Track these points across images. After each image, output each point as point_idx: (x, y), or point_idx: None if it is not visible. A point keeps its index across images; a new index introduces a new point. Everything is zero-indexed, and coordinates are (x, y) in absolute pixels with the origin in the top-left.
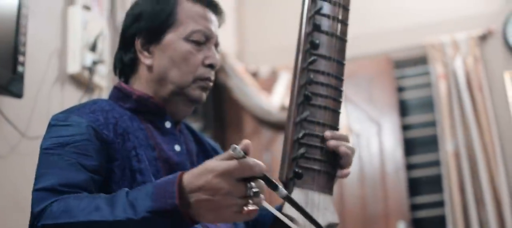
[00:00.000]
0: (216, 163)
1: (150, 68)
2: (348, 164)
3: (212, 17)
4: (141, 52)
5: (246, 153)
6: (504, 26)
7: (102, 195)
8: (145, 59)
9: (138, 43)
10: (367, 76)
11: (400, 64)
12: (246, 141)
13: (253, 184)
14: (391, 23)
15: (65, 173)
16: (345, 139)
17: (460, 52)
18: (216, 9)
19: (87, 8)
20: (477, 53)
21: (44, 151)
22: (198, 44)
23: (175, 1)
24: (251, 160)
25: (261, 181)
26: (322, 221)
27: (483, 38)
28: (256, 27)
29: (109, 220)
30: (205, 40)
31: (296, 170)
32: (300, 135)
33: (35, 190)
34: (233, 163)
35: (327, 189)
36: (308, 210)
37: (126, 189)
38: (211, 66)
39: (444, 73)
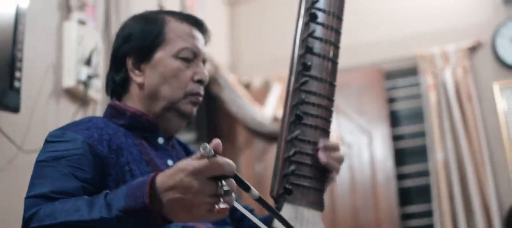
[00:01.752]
0: (187, 162)
1: (141, 86)
2: (336, 169)
3: (199, 35)
4: (132, 70)
5: (216, 152)
6: (493, 37)
7: (85, 197)
8: (137, 78)
9: (129, 62)
10: (358, 86)
11: (391, 75)
12: (216, 140)
13: (224, 182)
14: (382, 35)
15: (57, 182)
16: (336, 148)
17: (449, 63)
18: (202, 28)
19: (82, 23)
20: (466, 64)
21: (39, 163)
22: (187, 61)
23: (163, 21)
24: (221, 159)
25: (232, 180)
26: None
27: (473, 49)
28: (249, 38)
29: (85, 219)
30: (193, 57)
31: (287, 186)
32: (291, 153)
33: (27, 197)
34: (203, 161)
35: (316, 205)
36: (297, 225)
37: (107, 191)
38: (200, 81)
39: (434, 84)
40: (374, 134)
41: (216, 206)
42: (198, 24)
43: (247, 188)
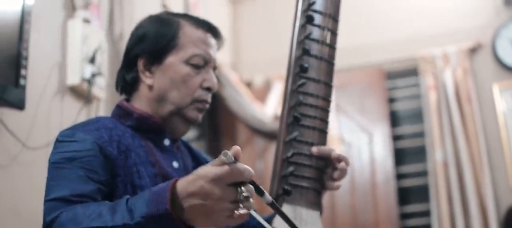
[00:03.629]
0: (208, 169)
1: (150, 87)
2: (342, 177)
3: (212, 41)
4: (143, 72)
5: (236, 159)
6: (493, 39)
7: (107, 203)
8: (147, 79)
9: (140, 63)
10: (359, 86)
11: (391, 75)
12: (236, 148)
13: (243, 188)
14: (383, 36)
15: (75, 184)
16: (345, 160)
17: (450, 65)
18: (216, 34)
19: (86, 21)
20: (466, 66)
21: (53, 165)
22: (197, 67)
23: (177, 25)
24: (241, 165)
25: (251, 186)
26: None
27: (473, 51)
28: (250, 38)
29: (108, 225)
30: (204, 64)
31: (285, 187)
32: (290, 154)
33: (47, 201)
34: (224, 168)
35: (315, 205)
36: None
37: (128, 196)
38: (208, 89)
39: (434, 85)
40: (374, 133)
41: (236, 212)
42: (212, 30)
43: (261, 193)
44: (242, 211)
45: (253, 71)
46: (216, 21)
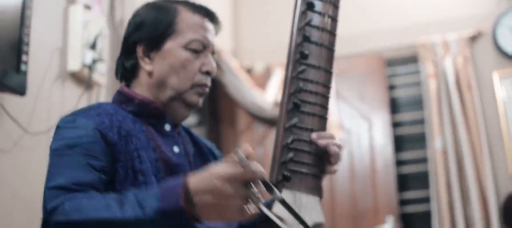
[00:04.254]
0: (220, 168)
1: (150, 73)
2: (337, 161)
3: (210, 26)
4: (142, 58)
5: (248, 158)
6: (493, 27)
7: (112, 195)
8: (146, 65)
9: (139, 50)
10: (360, 74)
11: (391, 62)
12: (248, 148)
13: (253, 186)
14: (383, 23)
15: (76, 172)
16: (331, 138)
17: (450, 52)
18: (214, 19)
19: (87, 7)
20: (467, 53)
21: (54, 151)
22: (196, 52)
23: (175, 11)
24: (253, 165)
25: (261, 184)
26: (308, 220)
27: (473, 38)
28: (251, 24)
29: (118, 217)
30: (203, 48)
31: (285, 173)
32: (289, 140)
33: (48, 188)
34: (237, 168)
35: (314, 190)
36: (295, 210)
37: (134, 190)
38: (208, 73)
39: (434, 72)
40: (374, 120)
41: (247, 209)
42: (209, 14)
43: (271, 190)
44: (252, 208)
45: (253, 58)
46: (217, 7)
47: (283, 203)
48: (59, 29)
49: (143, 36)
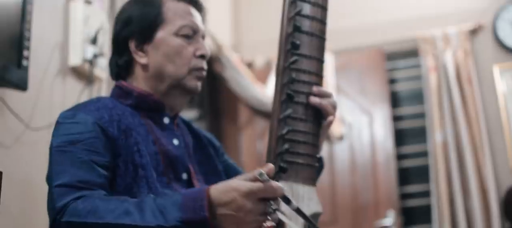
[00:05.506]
0: (241, 183)
1: (145, 66)
2: (330, 114)
3: (195, 12)
4: (135, 52)
5: (269, 176)
6: (494, 20)
7: (129, 199)
8: (141, 59)
9: (132, 45)
10: (360, 68)
11: (392, 56)
12: (270, 166)
13: (272, 202)
14: (383, 17)
15: (81, 171)
16: (329, 95)
17: (450, 46)
18: (198, 5)
19: (88, 2)
20: (467, 47)
21: (56, 148)
22: (187, 37)
23: (160, 2)
24: (274, 183)
25: (279, 200)
26: (307, 211)
27: (474, 32)
28: (252, 18)
29: (139, 224)
30: (193, 33)
31: (281, 164)
32: (284, 131)
33: (55, 186)
34: (258, 185)
35: (311, 180)
36: (293, 201)
37: (152, 195)
38: (202, 56)
39: (434, 66)
40: (375, 114)
41: (264, 224)
42: (192, 2)
43: (288, 202)
44: (269, 223)
45: (254, 52)
46: (217, 2)
47: (298, 211)
48: (60, 24)
49: (134, 31)
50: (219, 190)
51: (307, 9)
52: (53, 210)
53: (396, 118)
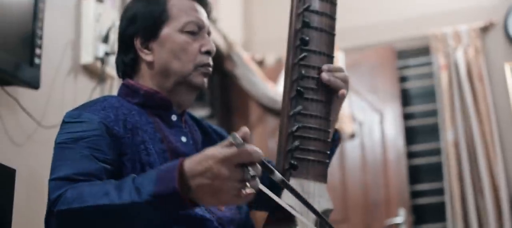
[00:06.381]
0: (216, 150)
1: (151, 64)
2: (340, 87)
3: (200, 8)
4: (141, 50)
5: (245, 140)
6: (505, 18)
7: (112, 181)
8: (146, 56)
9: (137, 43)
10: (371, 65)
11: (403, 54)
12: (245, 129)
13: (250, 168)
14: (394, 14)
15: (79, 164)
16: (340, 70)
17: (461, 43)
18: (202, 1)
19: (100, 0)
20: (478, 45)
21: (58, 145)
22: (193, 34)
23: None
24: (250, 147)
25: (258, 166)
26: (318, 208)
27: (485, 29)
28: (263, 16)
29: (115, 203)
30: (198, 29)
31: (292, 161)
32: (294, 128)
33: (51, 180)
34: (232, 150)
35: (321, 177)
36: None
37: (134, 175)
38: (208, 52)
39: (446, 64)
40: (386, 112)
41: (243, 191)
42: None
43: (271, 172)
44: (249, 190)
45: (265, 50)
46: (229, 0)
47: (284, 183)
48: (71, 22)
49: (139, 28)
50: (195, 160)
51: (316, 4)
52: (48, 202)
53: (407, 116)
